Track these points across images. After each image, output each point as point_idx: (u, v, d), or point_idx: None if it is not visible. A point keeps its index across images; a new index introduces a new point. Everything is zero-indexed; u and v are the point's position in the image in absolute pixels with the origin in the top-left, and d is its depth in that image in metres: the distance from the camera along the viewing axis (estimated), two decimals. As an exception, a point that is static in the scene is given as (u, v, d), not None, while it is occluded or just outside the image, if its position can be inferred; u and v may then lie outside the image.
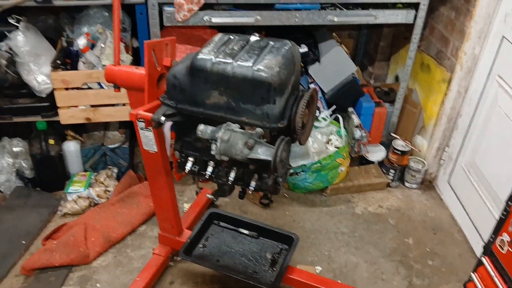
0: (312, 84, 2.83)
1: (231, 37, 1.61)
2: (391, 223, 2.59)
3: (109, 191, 2.58)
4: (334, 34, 3.09)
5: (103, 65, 2.37)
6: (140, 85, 1.68)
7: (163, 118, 1.52)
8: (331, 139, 2.76)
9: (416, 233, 2.54)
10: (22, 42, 2.31)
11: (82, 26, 2.47)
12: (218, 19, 2.34)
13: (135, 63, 2.49)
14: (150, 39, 2.35)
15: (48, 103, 2.44)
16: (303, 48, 2.73)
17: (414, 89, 2.97)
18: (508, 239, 1.68)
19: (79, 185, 2.56)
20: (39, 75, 2.37)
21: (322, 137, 2.73)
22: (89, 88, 2.40)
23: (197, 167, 1.65)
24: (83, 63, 2.39)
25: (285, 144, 1.41)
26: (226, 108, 1.50)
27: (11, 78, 2.37)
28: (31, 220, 2.42)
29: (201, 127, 1.47)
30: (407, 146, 2.79)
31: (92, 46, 2.42)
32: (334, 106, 2.84)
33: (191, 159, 1.64)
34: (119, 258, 2.29)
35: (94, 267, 2.23)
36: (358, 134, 2.74)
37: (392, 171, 2.81)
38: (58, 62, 2.37)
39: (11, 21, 2.31)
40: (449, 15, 2.62)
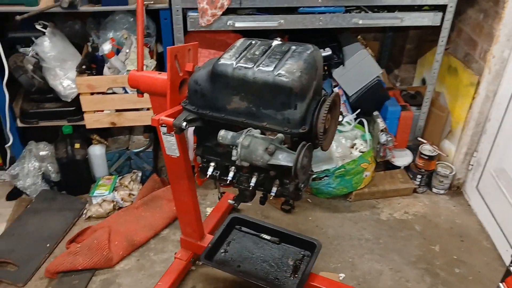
0: (336, 88, 2.79)
1: (253, 42, 1.60)
2: (417, 229, 2.54)
3: (133, 195, 2.60)
4: (359, 37, 3.06)
5: (127, 70, 2.39)
6: (162, 90, 1.69)
7: (184, 124, 1.52)
8: (355, 144, 2.72)
9: (443, 240, 2.48)
10: (48, 48, 2.35)
11: (107, 31, 2.50)
12: (241, 23, 2.33)
13: (159, 68, 2.51)
14: (174, 44, 2.37)
15: (73, 108, 2.49)
16: (327, 51, 2.69)
17: (442, 92, 2.90)
18: (538, 249, 1.62)
19: (104, 188, 2.59)
20: (65, 80, 2.41)
21: (346, 141, 2.70)
22: (113, 93, 2.43)
23: (218, 172, 1.64)
24: (108, 68, 2.41)
25: (306, 150, 1.39)
26: (247, 113, 1.49)
27: (37, 83, 2.41)
28: (56, 223, 2.45)
29: (222, 132, 1.47)
30: (435, 151, 2.73)
31: (117, 52, 2.44)
32: (359, 110, 2.80)
33: (212, 164, 1.64)
34: (142, 262, 2.30)
35: (117, 271, 2.25)
36: (383, 138, 2.68)
37: (419, 176, 2.75)
38: (84, 67, 2.40)
39: (38, 27, 2.35)
40: (477, 17, 2.56)
